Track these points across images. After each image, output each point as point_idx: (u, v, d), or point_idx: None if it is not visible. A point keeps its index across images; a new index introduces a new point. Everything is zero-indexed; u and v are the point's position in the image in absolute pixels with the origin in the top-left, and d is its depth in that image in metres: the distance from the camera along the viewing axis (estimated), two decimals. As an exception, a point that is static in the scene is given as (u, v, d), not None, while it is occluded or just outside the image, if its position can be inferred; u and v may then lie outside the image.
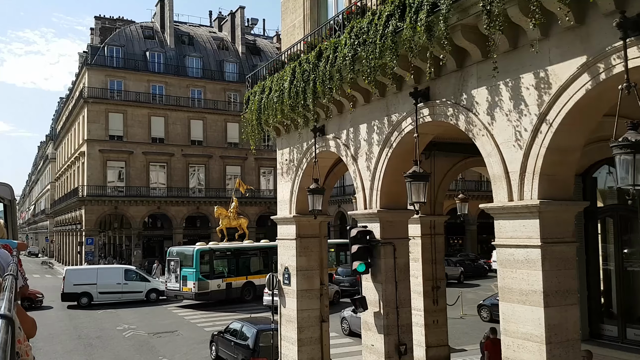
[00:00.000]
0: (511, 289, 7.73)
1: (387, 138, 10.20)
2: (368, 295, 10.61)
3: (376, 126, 10.56)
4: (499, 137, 7.93)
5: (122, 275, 29.64)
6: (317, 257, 13.88)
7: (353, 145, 11.29)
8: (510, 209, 7.66)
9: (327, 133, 12.25)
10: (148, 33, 56.32)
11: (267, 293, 25.70)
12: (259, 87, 13.86)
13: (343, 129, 11.65)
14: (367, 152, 10.80)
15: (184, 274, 28.66)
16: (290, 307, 13.81)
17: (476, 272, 39.17)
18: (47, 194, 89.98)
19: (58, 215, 69.55)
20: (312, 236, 13.83)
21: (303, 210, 13.64)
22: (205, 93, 54.96)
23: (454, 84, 8.73)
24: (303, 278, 13.62)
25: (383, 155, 10.32)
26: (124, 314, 26.37)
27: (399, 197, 10.65)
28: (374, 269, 10.49)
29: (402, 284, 10.58)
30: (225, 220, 33.95)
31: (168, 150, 52.12)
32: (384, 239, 10.43)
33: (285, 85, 12.19)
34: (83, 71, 52.99)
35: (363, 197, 10.89)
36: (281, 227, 14.32)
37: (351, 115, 11.33)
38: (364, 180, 10.92)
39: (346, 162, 11.57)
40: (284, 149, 14.35)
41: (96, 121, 49.74)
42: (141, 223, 51.43)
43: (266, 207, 56.29)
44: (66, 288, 28.45)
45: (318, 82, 10.86)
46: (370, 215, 10.58)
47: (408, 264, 10.80)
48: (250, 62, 59.37)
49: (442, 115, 8.94)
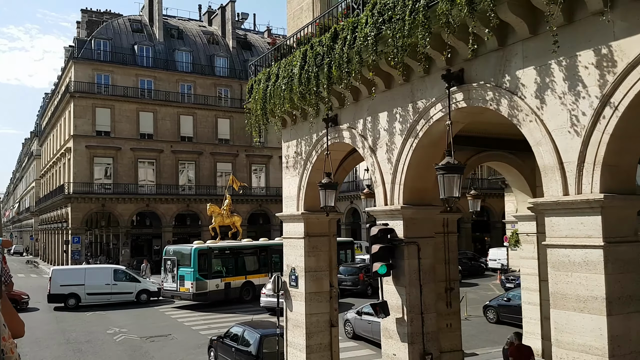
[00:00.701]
0: (565, 294, 6.83)
1: (412, 127, 9.26)
2: (390, 299, 9.66)
3: (399, 114, 9.61)
4: (550, 122, 7.01)
5: (111, 275, 28.45)
6: (326, 257, 12.93)
7: (371, 135, 10.33)
8: (566, 204, 6.75)
9: (340, 123, 11.28)
10: (136, 26, 54.97)
11: (265, 294, 24.78)
12: (264, 74, 12.86)
13: (359, 118, 10.69)
14: (388, 143, 9.85)
15: (181, 273, 27.55)
16: (297, 311, 12.85)
17: (474, 271, 38.41)
18: (32, 191, 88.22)
19: (43, 213, 67.97)
20: (321, 235, 12.87)
21: (312, 206, 12.68)
22: (195, 88, 53.73)
23: (494, 65, 7.81)
24: (312, 280, 12.66)
25: (407, 146, 9.38)
26: (113, 316, 25.22)
27: (423, 192, 9.74)
28: (397, 271, 9.55)
29: (427, 287, 9.65)
30: (218, 218, 32.86)
31: (157, 146, 50.89)
32: (408, 238, 9.49)
33: (295, 71, 11.20)
34: (69, 65, 51.53)
35: (383, 192, 9.94)
36: (287, 225, 13.34)
37: (369, 103, 10.37)
38: (383, 174, 9.97)
39: (363, 155, 10.62)
40: (291, 142, 13.35)
41: (83, 116, 48.36)
42: (129, 221, 50.16)
43: (258, 205, 55.32)
44: (53, 289, 27.23)
45: (334, 66, 9.89)
46: (392, 212, 9.63)
47: (433, 265, 9.88)
48: (241, 57, 58.26)
49: (479, 100, 8.01)
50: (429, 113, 8.95)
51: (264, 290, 25.19)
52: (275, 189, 56.26)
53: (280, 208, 47.37)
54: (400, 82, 9.44)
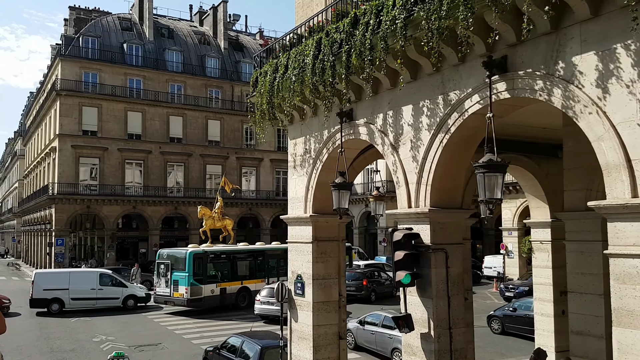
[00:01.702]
0: (632, 311, 5.96)
1: (443, 121, 8.36)
2: (414, 312, 8.74)
3: (426, 107, 8.72)
4: (615, 115, 6.14)
5: (97, 279, 27.20)
6: (335, 264, 11.98)
7: (393, 131, 9.42)
8: (636, 207, 5.88)
9: (356, 118, 10.36)
10: (126, 25, 53.77)
11: (259, 301, 23.80)
12: (271, 65, 11.91)
13: (378, 113, 9.78)
14: (413, 139, 8.95)
15: (175, 278, 26.39)
16: (303, 322, 11.87)
17: (470, 278, 37.56)
18: (15, 192, 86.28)
19: (26, 214, 66.27)
20: (330, 239, 11.92)
21: (321, 209, 11.75)
22: (185, 88, 52.57)
23: (544, 50, 6.93)
24: (319, 288, 11.70)
25: (436, 142, 8.48)
26: (99, 322, 24.01)
27: (453, 193, 8.86)
28: (422, 281, 8.64)
29: (456, 299, 8.75)
30: (209, 221, 31.78)
31: (145, 147, 49.62)
32: (435, 244, 8.59)
33: (308, 61, 10.26)
34: (56, 62, 50.16)
35: (406, 193, 9.03)
36: (293, 228, 12.38)
37: (391, 96, 9.47)
38: (407, 174, 9.06)
39: (382, 152, 9.70)
40: (298, 139, 12.40)
41: (69, 115, 47.00)
42: (115, 223, 48.79)
43: (247, 209, 54.24)
44: (35, 293, 25.94)
45: (354, 54, 8.97)
46: (418, 216, 8.72)
47: (462, 274, 8.99)
48: (232, 58, 57.28)
49: (525, 90, 7.13)
50: (463, 105, 8.06)
51: (258, 297, 24.23)
52: (266, 193, 55.30)
53: (270, 212, 46.61)
54: (429, 71, 8.55)
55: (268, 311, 23.44)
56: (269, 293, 23.52)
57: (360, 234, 52.92)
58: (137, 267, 35.06)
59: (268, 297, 23.37)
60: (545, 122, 11.12)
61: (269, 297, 23.26)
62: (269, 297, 23.24)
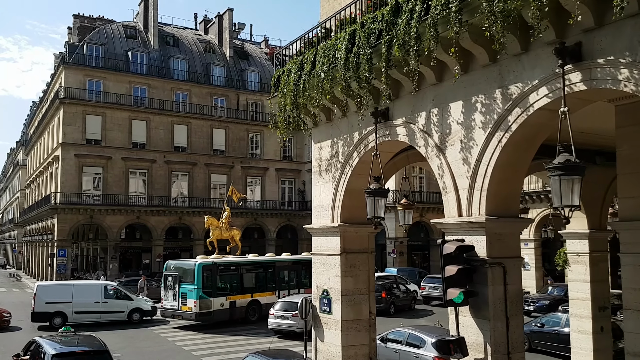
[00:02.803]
0: None
1: (502, 118, 7.42)
2: (467, 335, 7.75)
3: (480, 103, 7.77)
4: None
5: (101, 292, 26.11)
6: (365, 278, 10.99)
7: (438, 131, 8.47)
8: None
9: (393, 117, 9.42)
10: (130, 32, 53.00)
11: (274, 315, 22.83)
12: (295, 63, 10.98)
13: (420, 111, 8.84)
14: (464, 139, 8.00)
15: (184, 291, 25.21)
16: (330, 342, 10.86)
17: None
18: (17, 202, 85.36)
19: (28, 224, 65.28)
20: (359, 251, 10.95)
21: (349, 218, 10.79)
22: (190, 97, 51.70)
23: (629, 35, 6.01)
24: (349, 305, 10.70)
25: (493, 141, 7.53)
26: (104, 337, 22.29)
27: (510, 200, 7.92)
28: (477, 300, 7.65)
29: (514, 321, 7.75)
30: (216, 231, 30.73)
31: (149, 156, 48.65)
32: (492, 257, 7.61)
33: (340, 55, 9.34)
34: (60, 70, 49.36)
35: (456, 200, 8.06)
36: (319, 239, 11.39)
37: (435, 92, 8.53)
38: (456, 178, 8.11)
39: (425, 155, 8.74)
40: (323, 142, 11.45)
41: (72, 123, 46.08)
42: (118, 234, 47.72)
43: (253, 219, 53.20)
44: (37, 307, 24.87)
45: (396, 45, 8.05)
46: (471, 226, 7.75)
47: (521, 292, 8.01)
48: (238, 67, 56.49)
49: (607, 80, 6.20)
50: (527, 100, 7.11)
51: (272, 311, 23.20)
52: (271, 203, 54.32)
53: (275, 222, 45.44)
54: (484, 62, 7.63)
55: (283, 325, 22.52)
56: (283, 306, 22.87)
57: None
58: (145, 280, 33.86)
59: (282, 310, 22.62)
60: (584, 126, 10.15)
61: (283, 310, 22.55)
62: (283, 311, 22.51)
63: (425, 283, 33.74)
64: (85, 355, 12.67)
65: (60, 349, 12.51)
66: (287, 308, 22.41)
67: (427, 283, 33.60)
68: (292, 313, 21.60)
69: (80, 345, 13.23)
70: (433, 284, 32.67)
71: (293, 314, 21.66)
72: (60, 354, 12.21)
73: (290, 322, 22.03)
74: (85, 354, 12.70)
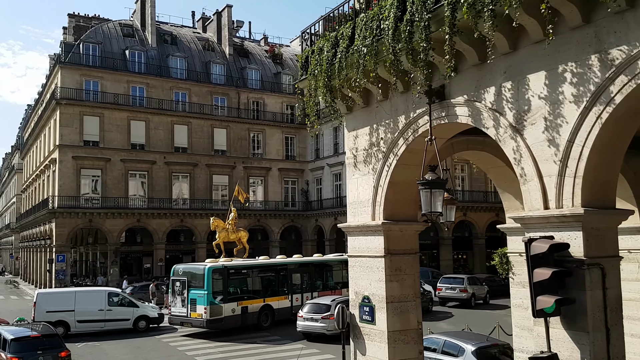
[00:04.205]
0: None
1: (601, 89, 6.13)
2: (560, 350, 6.45)
3: (570, 72, 6.48)
4: None
5: (105, 299, 24.74)
6: (412, 283, 9.69)
7: (512, 108, 7.18)
8: None
9: (450, 96, 8.12)
10: (127, 31, 51.63)
11: (302, 317, 22.01)
12: (327, 39, 9.67)
13: (487, 86, 7.55)
14: (549, 117, 6.71)
15: (193, 296, 23.84)
16: (374, 356, 9.55)
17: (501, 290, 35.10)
18: (13, 207, 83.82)
19: (25, 229, 63.76)
20: (405, 252, 9.65)
21: (394, 214, 9.49)
22: (190, 96, 50.34)
23: None
24: (395, 314, 9.40)
25: (590, 117, 6.25)
26: (110, 348, 21.54)
27: (607, 188, 6.67)
28: (572, 309, 6.36)
29: (615, 332, 6.48)
30: (222, 233, 29.36)
31: (149, 157, 47.28)
32: (589, 257, 6.33)
33: (388, 24, 8.03)
34: (55, 70, 47.92)
35: (540, 189, 6.77)
36: (357, 239, 10.08)
37: (507, 62, 7.24)
38: (539, 163, 6.81)
39: (496, 137, 7.45)
40: (359, 130, 10.14)
41: (69, 125, 44.67)
42: (118, 238, 46.28)
43: (256, 220, 51.85)
44: (37, 316, 23.45)
45: (465, 6, 6.75)
46: (564, 219, 6.45)
47: (620, 297, 6.73)
48: (238, 65, 55.18)
49: None
50: (636, 65, 5.83)
51: (300, 313, 22.67)
52: (275, 203, 53.01)
53: (279, 223, 44.07)
54: (575, 23, 6.34)
55: (312, 328, 22.01)
56: (312, 308, 22.51)
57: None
58: (155, 285, 32.23)
59: (312, 312, 22.24)
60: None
61: (313, 312, 22.22)
62: (313, 313, 22.16)
63: (442, 284, 32.68)
64: (38, 338, 16.05)
65: (17, 333, 16.10)
66: (317, 310, 22.06)
67: (443, 284, 32.53)
68: (322, 315, 21.47)
69: (34, 331, 16.54)
70: (450, 284, 31.68)
71: (323, 316, 21.49)
72: (17, 339, 15.70)
73: (320, 325, 21.57)
74: (38, 337, 16.09)
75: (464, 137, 10.19)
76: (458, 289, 31.76)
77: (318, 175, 53.38)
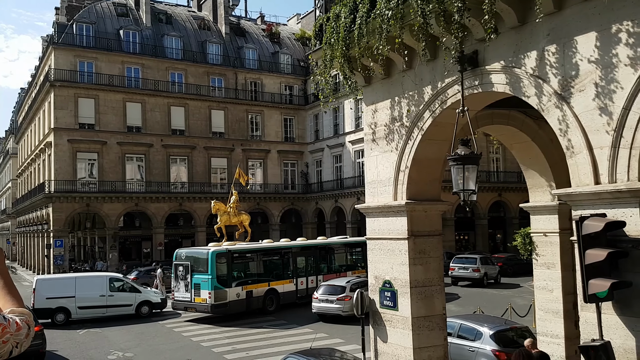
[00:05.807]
0: None
1: (665, 49, 5.50)
2: (612, 337, 5.90)
3: (626, 32, 5.84)
4: None
5: (106, 285, 24.14)
6: (436, 266, 9.14)
7: (558, 74, 6.54)
8: None
9: (485, 63, 7.47)
10: (121, 10, 50.45)
11: (317, 299, 21.98)
12: (346, 4, 8.97)
13: (528, 51, 6.90)
14: (600, 83, 6.08)
15: (196, 281, 23.24)
16: (397, 343, 9.02)
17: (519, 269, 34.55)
18: (9, 192, 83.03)
19: (21, 214, 63.07)
20: (430, 234, 9.08)
21: (417, 194, 8.90)
22: (186, 77, 49.38)
23: None
24: (419, 299, 8.85)
25: (651, 82, 5.62)
26: (112, 334, 21.02)
27: (668, 160, 5.99)
28: (626, 293, 5.80)
29: (676, 318, 5.92)
30: (224, 216, 28.71)
31: (146, 140, 46.46)
32: (648, 236, 5.75)
33: (415, -15, 7.35)
34: (49, 51, 46.87)
35: (591, 162, 6.17)
36: (376, 220, 9.49)
37: (550, 23, 6.59)
38: (589, 134, 6.20)
39: (538, 106, 6.82)
40: (379, 103, 9.50)
41: (64, 107, 43.79)
42: (116, 222, 45.69)
43: (255, 203, 51.22)
44: (37, 302, 22.87)
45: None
46: (617, 196, 5.86)
47: (680, 280, 6.15)
48: (235, 44, 54.13)
49: None
50: None
51: (315, 295, 22.70)
52: (274, 186, 52.38)
53: (279, 207, 43.40)
54: (634, -24, 5.68)
55: (327, 309, 21.99)
56: (327, 290, 22.56)
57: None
58: (161, 270, 31.56)
59: (327, 294, 22.24)
60: None
61: (327, 294, 22.22)
62: (328, 295, 22.16)
63: (455, 263, 32.59)
64: None
65: None
66: (332, 292, 22.10)
67: (456, 263, 32.47)
68: (337, 297, 21.51)
69: None
70: (463, 264, 31.68)
71: (338, 297, 21.48)
72: None
73: (336, 306, 21.57)
74: None
75: (489, 110, 9.58)
76: (471, 268, 31.60)
77: (318, 157, 52.69)
